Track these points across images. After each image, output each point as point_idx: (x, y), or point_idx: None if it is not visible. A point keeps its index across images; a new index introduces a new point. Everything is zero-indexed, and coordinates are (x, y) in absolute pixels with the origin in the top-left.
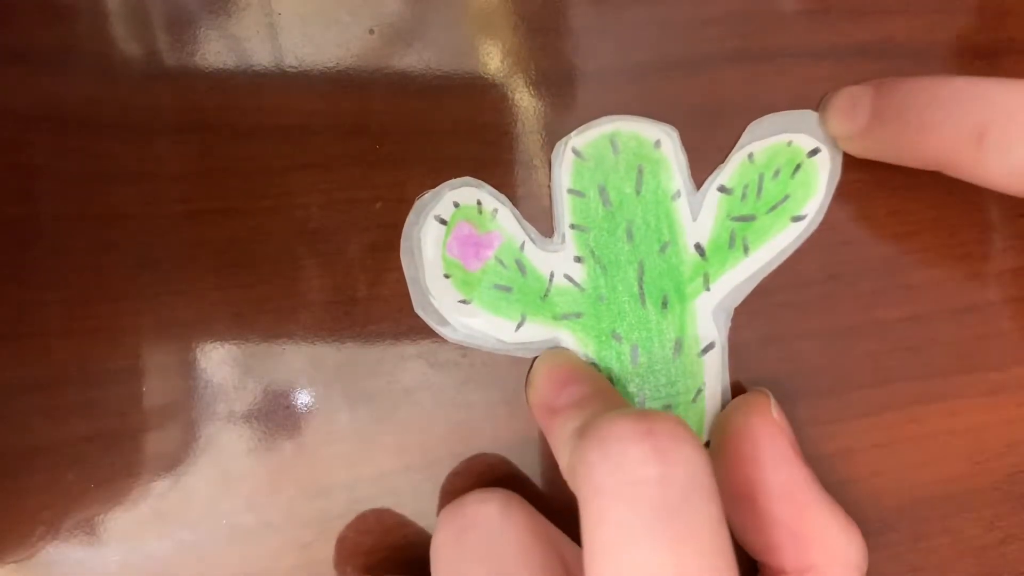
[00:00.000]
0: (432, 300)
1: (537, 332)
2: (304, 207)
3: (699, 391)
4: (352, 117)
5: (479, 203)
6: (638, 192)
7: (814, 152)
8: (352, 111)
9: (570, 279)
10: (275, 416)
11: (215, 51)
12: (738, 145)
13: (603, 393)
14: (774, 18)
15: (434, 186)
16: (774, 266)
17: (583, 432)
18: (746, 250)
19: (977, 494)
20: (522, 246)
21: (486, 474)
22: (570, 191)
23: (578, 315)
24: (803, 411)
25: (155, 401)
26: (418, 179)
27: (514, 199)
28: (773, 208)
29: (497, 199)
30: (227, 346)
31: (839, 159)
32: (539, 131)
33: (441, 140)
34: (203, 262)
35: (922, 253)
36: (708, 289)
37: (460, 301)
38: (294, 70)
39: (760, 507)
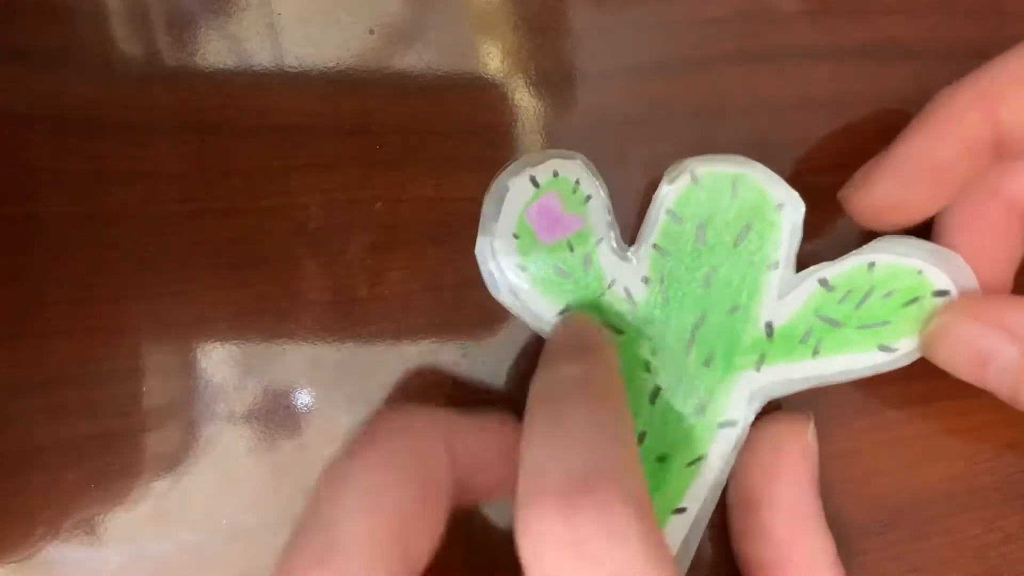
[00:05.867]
0: (493, 249)
1: None
2: (304, 207)
3: (698, 459)
4: (352, 117)
5: (577, 183)
6: (736, 244)
7: (942, 293)
8: (352, 111)
9: (628, 294)
10: (275, 416)
11: (215, 51)
12: (864, 248)
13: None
14: (774, 18)
15: (434, 185)
16: (834, 382)
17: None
18: (815, 353)
19: (977, 494)
20: (598, 242)
21: None
22: (669, 211)
23: (620, 332)
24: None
25: (155, 401)
26: (418, 179)
27: None
28: (866, 326)
29: (595, 187)
30: (227, 346)
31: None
32: (539, 131)
33: (441, 140)
34: (203, 262)
35: None
36: (758, 370)
37: (518, 266)
38: (294, 70)
39: (757, 518)
